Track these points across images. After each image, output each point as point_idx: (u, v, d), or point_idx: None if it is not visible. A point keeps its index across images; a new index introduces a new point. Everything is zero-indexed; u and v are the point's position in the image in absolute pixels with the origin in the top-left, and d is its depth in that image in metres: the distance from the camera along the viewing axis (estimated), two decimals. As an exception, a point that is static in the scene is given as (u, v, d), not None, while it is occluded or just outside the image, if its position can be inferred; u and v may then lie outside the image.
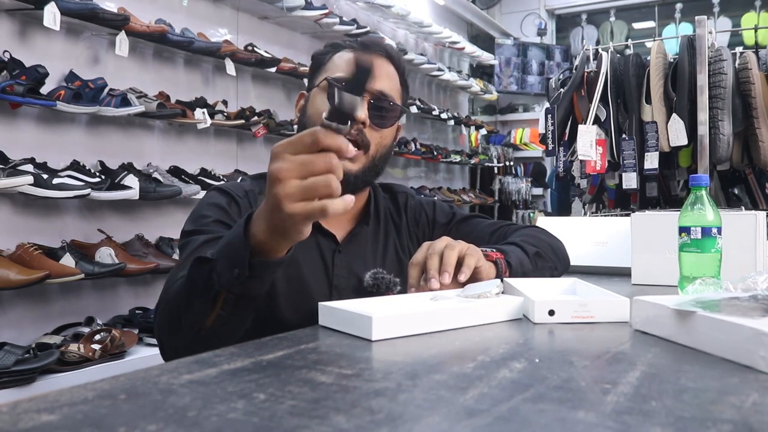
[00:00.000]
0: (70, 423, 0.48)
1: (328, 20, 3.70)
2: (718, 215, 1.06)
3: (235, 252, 0.83)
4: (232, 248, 0.84)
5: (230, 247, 0.85)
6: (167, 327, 0.97)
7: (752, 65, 2.35)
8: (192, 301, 0.89)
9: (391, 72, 1.24)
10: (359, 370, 0.64)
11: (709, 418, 0.50)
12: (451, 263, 0.98)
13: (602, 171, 2.52)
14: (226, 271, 0.83)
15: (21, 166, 2.20)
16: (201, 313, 0.89)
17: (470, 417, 0.50)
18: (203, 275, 0.87)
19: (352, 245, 1.25)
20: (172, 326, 0.95)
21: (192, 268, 0.89)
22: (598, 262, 1.60)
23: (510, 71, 6.43)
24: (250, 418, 0.49)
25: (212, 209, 1.16)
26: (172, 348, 0.99)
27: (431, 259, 1.00)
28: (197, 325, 0.90)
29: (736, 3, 6.12)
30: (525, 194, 6.32)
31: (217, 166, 3.24)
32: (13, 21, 2.41)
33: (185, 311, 0.91)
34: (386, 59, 1.24)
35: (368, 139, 1.19)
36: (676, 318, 0.76)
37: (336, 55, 1.24)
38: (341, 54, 1.24)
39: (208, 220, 1.13)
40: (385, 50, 1.25)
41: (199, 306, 0.89)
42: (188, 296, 0.90)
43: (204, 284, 0.86)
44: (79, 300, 2.57)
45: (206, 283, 0.86)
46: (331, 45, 1.28)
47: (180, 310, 0.91)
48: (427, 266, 1.00)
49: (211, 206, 1.17)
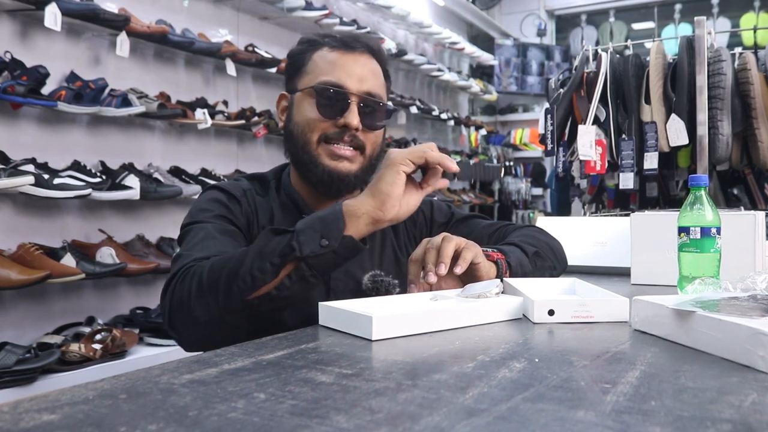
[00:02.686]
0: (71, 422, 0.48)
1: (329, 21, 3.71)
2: (717, 215, 1.06)
3: (329, 224, 0.94)
4: (325, 221, 0.95)
5: (323, 221, 0.95)
6: (207, 291, 0.96)
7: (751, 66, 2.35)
8: (255, 264, 0.93)
9: (376, 69, 1.22)
10: (359, 369, 0.64)
11: (708, 417, 0.50)
12: (447, 254, 0.99)
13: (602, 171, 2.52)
14: (311, 241, 0.92)
15: (22, 167, 2.20)
16: (260, 279, 0.93)
17: (470, 417, 0.50)
18: (280, 242, 0.93)
19: None
20: (212, 291, 0.95)
21: (262, 237, 0.95)
22: (597, 262, 1.60)
23: (510, 72, 6.43)
24: (251, 417, 0.50)
25: (213, 204, 1.16)
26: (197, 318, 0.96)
27: (429, 253, 1.01)
28: (250, 291, 0.93)
29: (735, 4, 6.13)
30: (525, 194, 6.32)
31: (218, 166, 3.25)
32: (14, 22, 2.41)
33: (242, 276, 0.93)
34: (369, 55, 1.21)
35: (363, 141, 1.19)
36: (675, 318, 0.76)
37: (316, 54, 1.20)
38: (322, 53, 1.20)
39: (210, 214, 1.13)
40: (367, 45, 1.22)
41: (261, 271, 0.93)
42: (253, 260, 0.93)
43: (280, 250, 0.92)
44: (79, 300, 2.57)
45: (282, 249, 0.92)
46: (307, 42, 1.23)
47: (233, 275, 0.93)
48: (425, 260, 1.01)
49: (211, 201, 1.17)
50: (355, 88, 1.17)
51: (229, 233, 1.11)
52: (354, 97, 1.16)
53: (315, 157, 1.17)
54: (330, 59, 1.19)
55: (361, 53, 1.20)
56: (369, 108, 1.18)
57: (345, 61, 1.18)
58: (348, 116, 1.15)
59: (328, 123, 1.17)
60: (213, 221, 1.12)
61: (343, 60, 1.18)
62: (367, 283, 1.21)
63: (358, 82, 1.17)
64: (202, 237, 1.08)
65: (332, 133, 1.17)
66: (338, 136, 1.17)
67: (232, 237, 1.11)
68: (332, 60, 1.19)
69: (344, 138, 1.17)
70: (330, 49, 1.20)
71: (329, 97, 1.16)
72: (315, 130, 1.17)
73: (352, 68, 1.18)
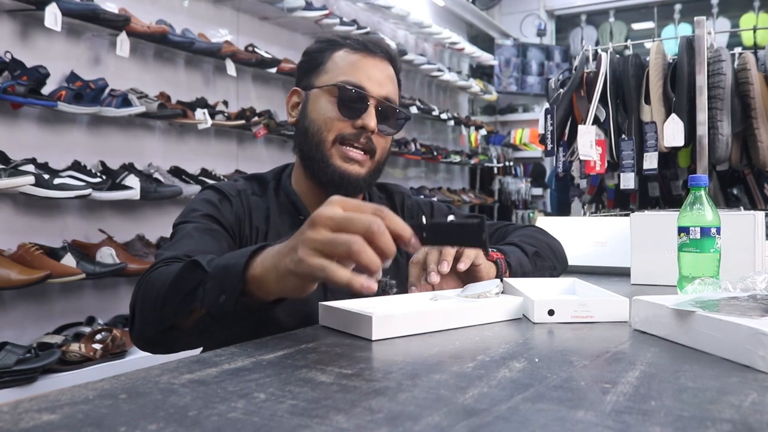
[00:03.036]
0: (71, 422, 0.48)
1: (329, 21, 3.71)
2: (717, 215, 1.06)
3: (229, 279, 0.79)
4: (228, 274, 0.79)
5: (227, 272, 0.80)
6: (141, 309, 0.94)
7: (751, 66, 2.35)
8: (172, 299, 0.86)
9: (392, 75, 1.24)
10: (359, 369, 0.64)
11: (708, 417, 0.50)
12: (450, 253, 0.99)
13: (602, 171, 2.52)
14: (213, 292, 0.80)
15: (22, 167, 2.20)
16: (177, 316, 0.87)
17: (470, 416, 0.50)
18: (192, 283, 0.83)
19: None
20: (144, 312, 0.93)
21: (185, 269, 0.86)
22: (597, 262, 1.60)
23: (510, 72, 6.43)
24: (251, 417, 0.50)
25: (203, 204, 1.17)
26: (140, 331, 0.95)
27: (430, 254, 1.01)
28: (167, 323, 0.88)
29: (735, 4, 6.13)
30: (525, 194, 6.32)
31: (218, 166, 3.25)
32: (14, 22, 2.41)
33: (163, 305, 0.88)
34: (388, 61, 1.23)
35: (375, 145, 1.19)
36: (675, 318, 0.77)
37: (336, 54, 1.21)
38: (342, 54, 1.21)
39: (197, 214, 1.13)
40: (387, 52, 1.24)
41: (176, 309, 0.86)
42: (169, 294, 0.87)
43: (189, 292, 0.84)
44: (80, 300, 2.57)
45: (191, 292, 0.83)
46: (327, 41, 1.25)
47: (160, 303, 0.89)
48: (427, 261, 1.01)
49: (202, 201, 1.17)
50: (375, 92, 1.18)
51: (210, 232, 1.11)
52: (373, 100, 1.17)
53: (327, 157, 1.18)
54: (351, 60, 1.20)
55: (381, 59, 1.22)
56: (385, 113, 1.19)
57: (366, 64, 1.20)
58: (366, 118, 1.16)
59: (346, 123, 1.17)
60: (197, 221, 1.12)
61: (364, 63, 1.20)
62: None
63: (378, 86, 1.18)
64: (181, 236, 1.08)
65: (348, 134, 1.17)
66: (354, 137, 1.18)
67: (213, 236, 1.10)
68: (353, 61, 1.20)
69: (360, 140, 1.18)
70: (351, 51, 1.21)
71: (350, 97, 1.17)
72: (332, 129, 1.18)
73: (372, 72, 1.19)
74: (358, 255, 0.67)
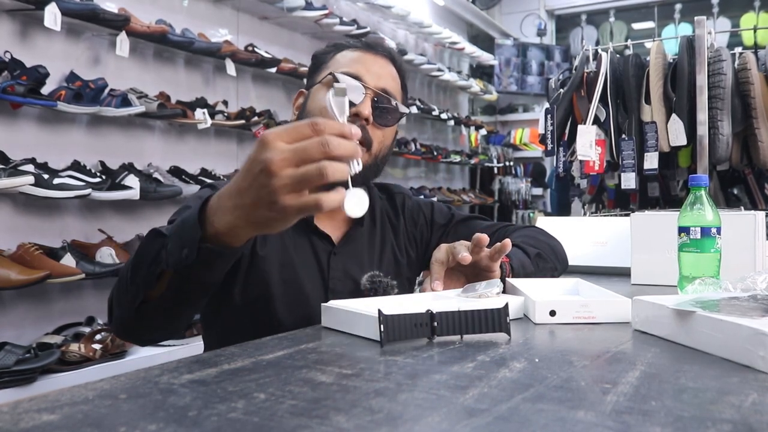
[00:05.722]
0: (71, 423, 0.48)
1: (329, 21, 3.70)
2: (717, 215, 1.06)
3: (186, 231, 0.79)
4: (185, 228, 0.80)
5: (183, 226, 0.80)
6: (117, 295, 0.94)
7: (751, 65, 2.35)
8: (139, 272, 0.86)
9: (393, 73, 1.25)
10: (359, 370, 0.64)
11: (708, 417, 0.50)
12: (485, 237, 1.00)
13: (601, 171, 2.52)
14: (175, 250, 0.80)
15: (22, 167, 2.20)
16: (146, 284, 0.85)
17: (470, 417, 0.50)
18: (154, 248, 0.83)
19: (348, 247, 1.23)
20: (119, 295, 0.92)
21: (146, 239, 0.86)
22: (597, 262, 1.59)
23: (510, 71, 6.43)
24: (251, 417, 0.49)
25: (196, 201, 1.17)
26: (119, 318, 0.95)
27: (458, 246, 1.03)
28: (139, 297, 0.87)
29: (735, 3, 6.13)
30: (525, 194, 6.32)
31: (218, 166, 3.24)
32: (13, 21, 2.41)
33: (131, 281, 0.87)
34: (389, 60, 1.25)
35: (371, 136, 1.19)
36: (675, 318, 0.76)
37: (339, 54, 1.24)
38: (344, 53, 1.23)
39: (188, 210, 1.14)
40: (389, 52, 1.26)
41: (145, 278, 0.85)
42: (136, 268, 0.87)
43: (153, 258, 0.83)
44: (79, 300, 2.57)
45: (155, 257, 0.83)
46: (333, 45, 1.28)
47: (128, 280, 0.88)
48: (455, 250, 1.03)
49: (196, 198, 1.17)
50: (371, 83, 1.18)
51: None
52: (369, 90, 1.17)
53: None
54: (351, 56, 1.22)
55: (382, 56, 1.24)
56: (382, 104, 1.19)
57: (365, 59, 1.21)
58: (360, 105, 1.16)
59: None
60: None
61: (364, 58, 1.22)
62: (366, 283, 1.21)
63: (376, 78, 1.19)
64: None
65: None
66: None
67: None
68: (353, 57, 1.22)
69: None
70: (353, 49, 1.24)
71: None
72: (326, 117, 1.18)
73: (371, 66, 1.21)
74: (334, 174, 0.67)
